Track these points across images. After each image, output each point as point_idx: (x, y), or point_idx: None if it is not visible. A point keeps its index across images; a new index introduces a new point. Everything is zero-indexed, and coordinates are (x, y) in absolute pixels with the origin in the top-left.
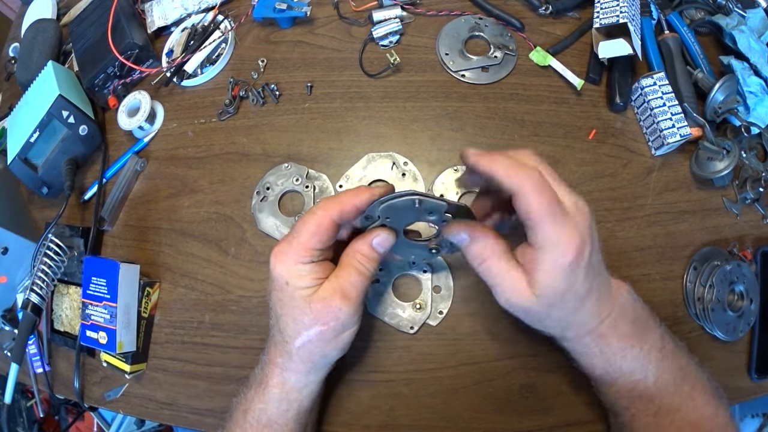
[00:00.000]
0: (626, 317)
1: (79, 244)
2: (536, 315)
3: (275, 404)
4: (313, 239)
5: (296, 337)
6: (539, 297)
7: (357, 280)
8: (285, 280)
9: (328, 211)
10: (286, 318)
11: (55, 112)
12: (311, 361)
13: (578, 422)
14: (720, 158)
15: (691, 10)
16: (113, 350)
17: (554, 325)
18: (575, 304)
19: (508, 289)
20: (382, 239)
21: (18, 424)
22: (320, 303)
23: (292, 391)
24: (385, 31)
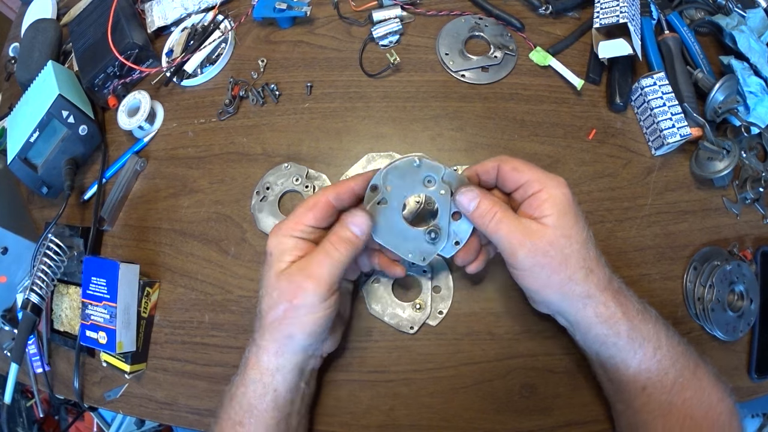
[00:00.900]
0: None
1: (78, 244)
2: (555, 257)
3: (252, 387)
4: (306, 215)
5: (268, 311)
6: (555, 228)
7: (325, 261)
8: (270, 251)
9: (326, 193)
10: (262, 291)
11: (55, 111)
12: (278, 341)
13: (578, 422)
14: (720, 158)
15: (691, 10)
16: (113, 350)
17: (571, 273)
18: (583, 240)
19: (520, 237)
20: (358, 220)
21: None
22: (286, 279)
23: (266, 373)
24: (385, 31)
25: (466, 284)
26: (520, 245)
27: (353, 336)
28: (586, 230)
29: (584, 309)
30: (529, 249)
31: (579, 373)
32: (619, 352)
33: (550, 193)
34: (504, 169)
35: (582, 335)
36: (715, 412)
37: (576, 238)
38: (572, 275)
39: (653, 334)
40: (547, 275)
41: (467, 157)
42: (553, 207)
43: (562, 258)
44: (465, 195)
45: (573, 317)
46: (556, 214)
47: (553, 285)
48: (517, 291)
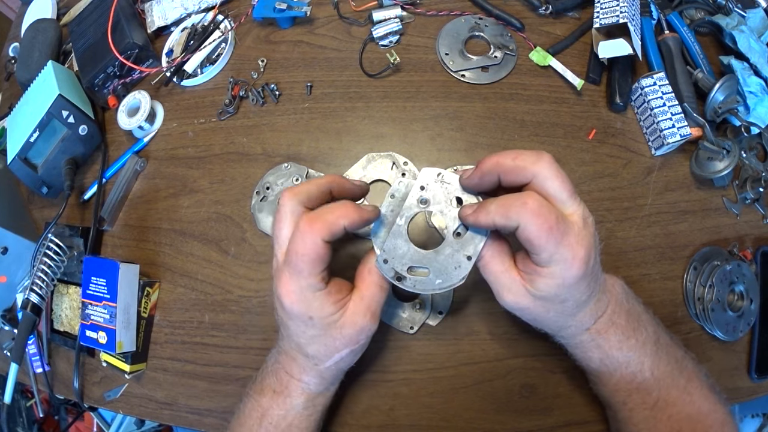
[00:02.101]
0: (622, 310)
1: (78, 244)
2: (533, 314)
3: (299, 410)
4: (315, 269)
5: (327, 359)
6: (537, 299)
7: (381, 297)
8: (308, 316)
9: (320, 234)
10: (316, 346)
11: (55, 111)
12: (339, 373)
13: (578, 422)
14: (720, 158)
15: (691, 10)
16: (113, 350)
17: (551, 325)
18: (574, 309)
19: (506, 289)
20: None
21: (18, 424)
22: (351, 328)
23: (318, 397)
24: (385, 31)
25: (466, 284)
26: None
27: None
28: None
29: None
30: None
31: (579, 373)
32: (594, 371)
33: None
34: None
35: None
36: (704, 426)
37: (556, 311)
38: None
39: (635, 359)
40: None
41: (467, 157)
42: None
43: (534, 318)
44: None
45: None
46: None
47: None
48: None
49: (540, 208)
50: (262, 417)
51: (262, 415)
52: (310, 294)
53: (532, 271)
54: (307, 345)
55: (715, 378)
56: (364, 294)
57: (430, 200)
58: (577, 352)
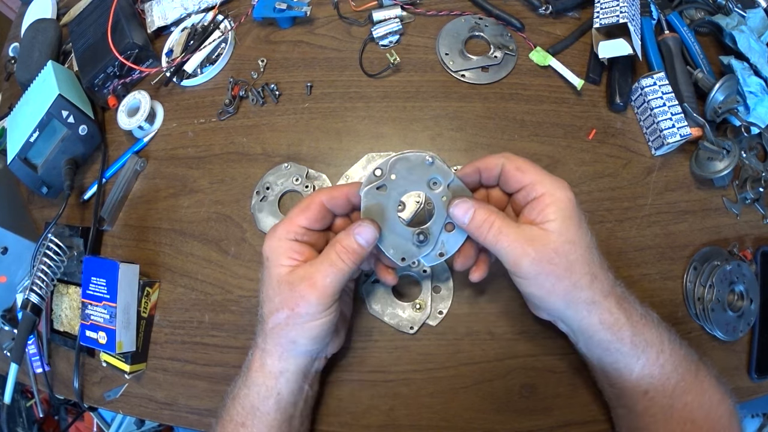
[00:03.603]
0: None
1: (78, 244)
2: (559, 264)
3: (256, 389)
4: (300, 216)
5: (269, 316)
6: (559, 233)
7: (329, 271)
8: (266, 255)
9: (320, 194)
10: (263, 296)
11: (54, 111)
12: (281, 345)
13: (578, 422)
14: (720, 158)
15: (691, 10)
16: (113, 350)
17: (576, 280)
18: (586, 246)
19: (523, 246)
20: (365, 230)
21: (18, 424)
22: (287, 286)
23: (270, 376)
24: (385, 31)
25: (466, 284)
26: (523, 254)
27: (353, 336)
28: (589, 235)
29: (589, 316)
30: (533, 257)
31: (579, 373)
32: (623, 357)
33: (554, 197)
34: (508, 167)
35: (585, 341)
36: (716, 415)
37: (580, 243)
38: (577, 282)
39: (656, 338)
40: (552, 283)
41: (467, 156)
42: (557, 212)
43: (567, 264)
44: (458, 207)
45: (576, 324)
46: (559, 219)
47: (558, 292)
48: (517, 292)
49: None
50: (235, 398)
51: (235, 395)
52: (282, 237)
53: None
54: (260, 293)
55: None
56: (314, 262)
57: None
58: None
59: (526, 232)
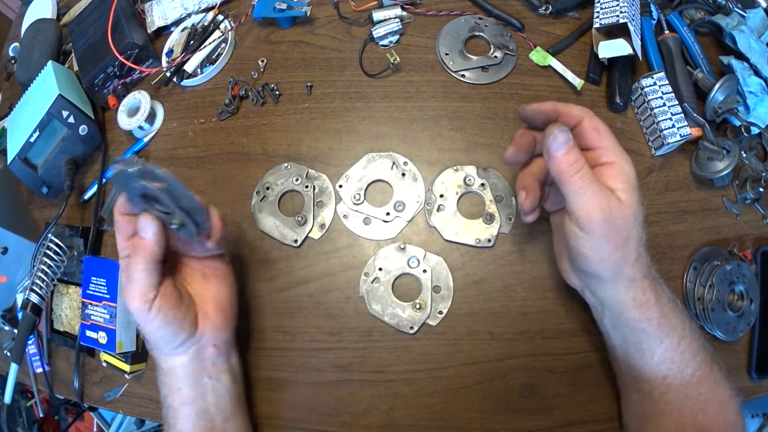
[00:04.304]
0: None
1: (78, 244)
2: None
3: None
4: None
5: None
6: (627, 203)
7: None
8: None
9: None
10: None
11: (55, 111)
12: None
13: (578, 422)
14: (720, 158)
15: (691, 10)
16: (113, 350)
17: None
18: (639, 229)
19: (602, 202)
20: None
21: (18, 424)
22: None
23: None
24: (385, 31)
25: (466, 284)
26: (599, 209)
27: (353, 336)
28: (643, 213)
29: (625, 292)
30: (606, 217)
31: (579, 373)
32: (647, 338)
33: (624, 168)
34: (586, 125)
35: (612, 318)
36: (726, 409)
37: (639, 218)
38: (627, 256)
39: (679, 323)
40: (609, 250)
41: (467, 157)
42: (626, 182)
43: (627, 236)
44: (558, 136)
45: (611, 298)
46: (629, 191)
47: (611, 261)
48: (518, 291)
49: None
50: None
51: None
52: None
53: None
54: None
55: None
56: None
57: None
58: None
59: (605, 190)
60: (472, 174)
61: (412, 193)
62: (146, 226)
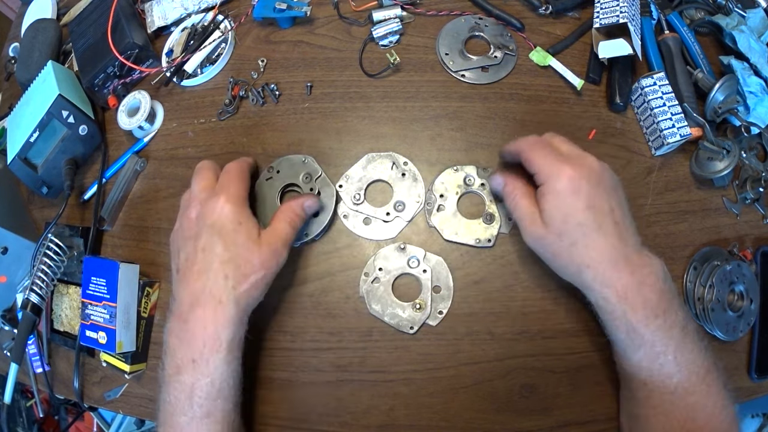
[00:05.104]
0: (654, 286)
1: (78, 244)
2: (551, 246)
3: (223, 368)
4: (246, 181)
5: (244, 279)
6: (547, 224)
7: (292, 233)
8: (238, 221)
9: (243, 165)
10: (235, 264)
11: (54, 111)
12: (245, 307)
13: (578, 422)
14: (720, 158)
15: (691, 10)
16: (113, 350)
17: (570, 261)
18: (581, 234)
19: (529, 221)
20: (312, 202)
21: (18, 424)
22: (268, 247)
23: (232, 344)
24: (385, 31)
25: (466, 284)
26: (524, 228)
27: (353, 336)
28: (583, 229)
29: (589, 294)
30: (529, 235)
31: (579, 373)
32: (620, 342)
33: (550, 188)
34: (523, 157)
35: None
36: (718, 420)
37: (567, 237)
38: (564, 268)
39: (661, 341)
40: (546, 259)
41: (467, 157)
42: (548, 203)
43: (553, 252)
44: (494, 178)
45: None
46: (547, 211)
47: (554, 267)
48: (518, 291)
49: (539, 142)
50: (191, 395)
51: (190, 392)
52: (243, 202)
53: (540, 195)
54: (225, 264)
55: None
56: (277, 226)
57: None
58: (606, 318)
59: (533, 211)
60: (472, 174)
61: (412, 193)
62: (314, 204)
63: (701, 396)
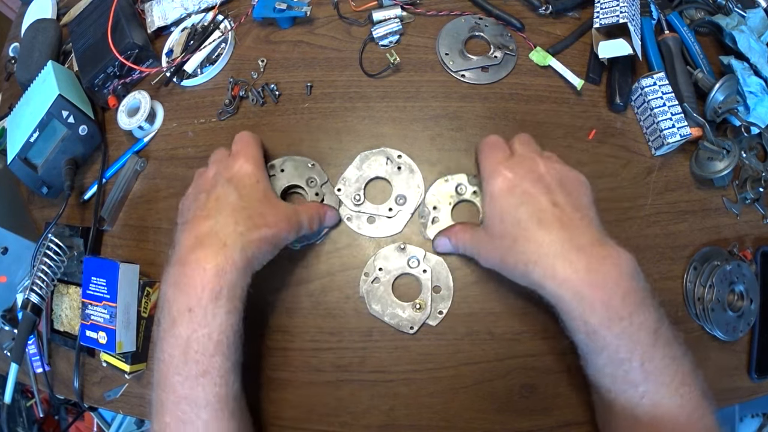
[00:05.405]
0: (618, 283)
1: (78, 244)
2: (496, 251)
3: (222, 318)
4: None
5: (255, 230)
6: (487, 229)
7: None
8: (256, 178)
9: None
10: (250, 212)
11: (55, 111)
12: (251, 258)
13: (578, 422)
14: (720, 158)
15: (691, 10)
16: (113, 350)
17: (516, 260)
18: (520, 230)
19: (476, 244)
20: (333, 216)
21: (18, 424)
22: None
23: (234, 292)
24: (385, 31)
25: (466, 284)
26: (476, 255)
27: (353, 336)
28: (521, 225)
29: (545, 296)
30: (481, 256)
31: (579, 373)
32: (581, 345)
33: (488, 192)
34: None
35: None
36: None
37: (508, 236)
38: (513, 270)
39: (626, 346)
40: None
41: (467, 157)
42: (487, 207)
43: (500, 257)
44: (438, 245)
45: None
46: (488, 216)
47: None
48: (518, 291)
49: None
50: (186, 349)
51: (185, 347)
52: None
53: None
54: (237, 212)
55: (715, 378)
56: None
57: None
58: (565, 319)
59: (474, 234)
60: (463, 182)
61: (411, 184)
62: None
63: (672, 408)
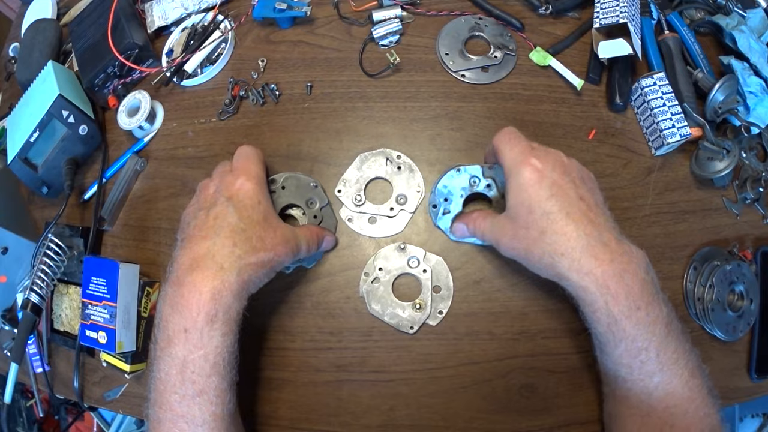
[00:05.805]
0: (636, 276)
1: (78, 244)
2: (522, 241)
3: (218, 341)
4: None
5: (250, 253)
6: (513, 219)
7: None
8: (257, 199)
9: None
10: (247, 235)
11: (55, 111)
12: (247, 281)
13: (578, 422)
14: (720, 158)
15: (691, 10)
16: (113, 350)
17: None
18: (548, 222)
19: (497, 232)
20: (331, 241)
21: (18, 424)
22: (282, 233)
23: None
24: (385, 31)
25: (466, 284)
26: (497, 243)
27: (353, 336)
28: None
29: (569, 287)
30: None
31: (579, 373)
32: (600, 336)
33: (514, 181)
34: (495, 152)
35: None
36: (698, 428)
37: (535, 227)
38: (538, 261)
39: (643, 336)
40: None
41: (467, 157)
42: (513, 197)
43: (525, 247)
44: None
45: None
46: (514, 206)
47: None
48: (518, 291)
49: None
50: (183, 369)
51: (181, 367)
52: (264, 183)
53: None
54: (236, 233)
55: (715, 378)
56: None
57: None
58: (587, 311)
59: (497, 221)
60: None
61: (411, 184)
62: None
63: (682, 400)
